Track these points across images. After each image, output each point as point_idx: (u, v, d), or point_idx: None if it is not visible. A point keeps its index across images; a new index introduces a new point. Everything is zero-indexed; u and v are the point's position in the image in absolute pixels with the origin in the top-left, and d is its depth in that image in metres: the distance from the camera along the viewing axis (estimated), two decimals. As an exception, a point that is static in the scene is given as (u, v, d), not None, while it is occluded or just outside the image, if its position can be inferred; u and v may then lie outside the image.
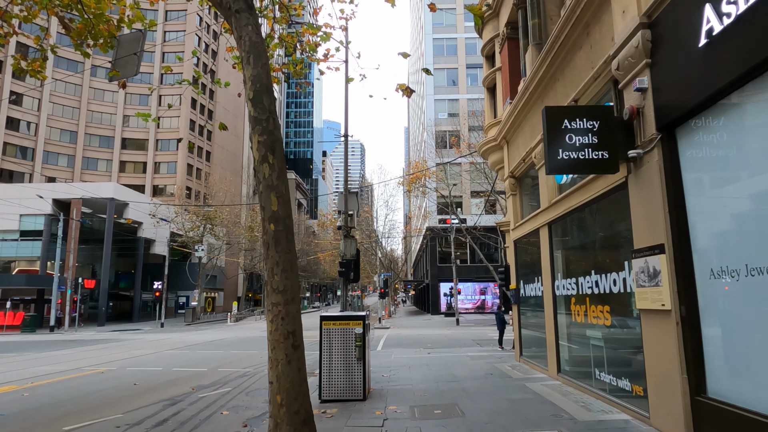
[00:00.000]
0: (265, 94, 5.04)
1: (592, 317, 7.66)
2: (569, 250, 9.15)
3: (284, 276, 4.72)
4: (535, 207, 11.27)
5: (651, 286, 5.62)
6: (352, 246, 13.23)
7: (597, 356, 7.62)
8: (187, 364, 14.46)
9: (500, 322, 16.51)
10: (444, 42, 51.80)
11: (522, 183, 12.57)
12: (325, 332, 8.41)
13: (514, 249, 12.56)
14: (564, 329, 9.11)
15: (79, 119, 63.07)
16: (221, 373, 12.51)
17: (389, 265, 60.62)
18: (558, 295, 9.27)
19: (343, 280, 13.10)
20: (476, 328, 29.47)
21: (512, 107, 11.55)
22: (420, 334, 24.46)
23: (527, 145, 11.03)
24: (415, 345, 19.00)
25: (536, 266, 10.92)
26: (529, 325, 11.78)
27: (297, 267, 4.88)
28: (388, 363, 13.14)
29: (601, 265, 7.49)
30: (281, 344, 4.61)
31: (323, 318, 8.49)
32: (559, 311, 9.29)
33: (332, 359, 8.31)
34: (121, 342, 23.80)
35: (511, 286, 12.71)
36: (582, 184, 7.82)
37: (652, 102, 5.70)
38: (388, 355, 15.10)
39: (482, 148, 14.12)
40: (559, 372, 9.18)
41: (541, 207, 10.07)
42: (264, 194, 4.88)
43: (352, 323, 8.41)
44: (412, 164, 42.46)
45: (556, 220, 9.38)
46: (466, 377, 10.22)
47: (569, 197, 8.50)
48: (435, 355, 14.77)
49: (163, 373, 12.50)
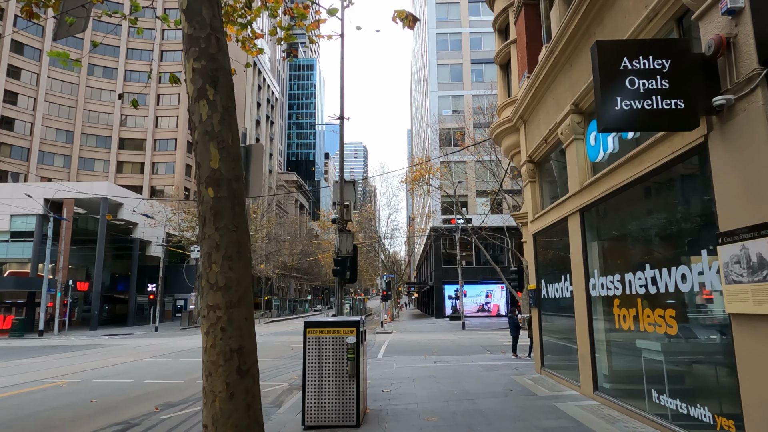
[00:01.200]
0: (205, 1, 3.47)
1: (645, 323, 6.04)
2: (611, 240, 7.53)
3: (227, 266, 3.15)
4: (559, 194, 9.67)
5: (752, 281, 4.02)
6: (349, 241, 11.67)
7: (653, 373, 6.00)
8: (164, 374, 12.89)
9: (514, 327, 14.88)
10: (448, 37, 50.28)
11: (542, 168, 10.97)
12: (311, 342, 6.83)
13: (533, 244, 10.95)
14: (602, 337, 7.49)
15: (75, 119, 61.82)
16: (198, 386, 10.93)
17: (392, 267, 59.00)
18: (594, 296, 7.65)
19: (338, 280, 11.51)
20: (483, 332, 27.82)
21: (531, 80, 9.97)
22: (424, 340, 22.83)
23: (550, 122, 9.44)
24: (420, 352, 17.39)
25: (563, 262, 9.30)
26: (553, 331, 10.16)
27: (249, 253, 3.30)
28: (390, 374, 11.53)
29: (660, 258, 5.87)
30: (220, 369, 3.04)
31: (308, 324, 6.91)
32: (595, 316, 7.67)
33: (319, 375, 6.72)
34: (105, 348, 22.26)
35: (530, 286, 11.09)
36: (632, 155, 6.21)
37: (752, 27, 4.10)
38: (390, 365, 13.49)
39: (495, 131, 12.53)
40: (596, 390, 7.55)
41: (570, 192, 8.47)
42: (200, 145, 3.31)
43: (344, 331, 6.82)
44: (415, 161, 40.81)
45: (591, 205, 7.77)
46: (481, 394, 8.60)
47: (611, 175, 6.90)
48: (442, 365, 13.15)
49: (131, 387, 10.93)
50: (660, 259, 5.86)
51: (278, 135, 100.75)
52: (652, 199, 6.26)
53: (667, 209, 5.98)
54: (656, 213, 6.21)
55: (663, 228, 6.02)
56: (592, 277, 7.70)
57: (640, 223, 6.58)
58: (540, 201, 10.91)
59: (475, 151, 35.61)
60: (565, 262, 9.10)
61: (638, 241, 6.59)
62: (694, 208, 5.35)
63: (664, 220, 5.99)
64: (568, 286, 8.79)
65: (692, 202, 5.41)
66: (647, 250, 6.27)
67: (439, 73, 49.54)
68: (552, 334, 10.23)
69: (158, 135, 64.37)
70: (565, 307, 9.22)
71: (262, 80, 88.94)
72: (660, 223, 6.08)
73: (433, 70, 49.71)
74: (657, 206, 6.20)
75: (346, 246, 11.61)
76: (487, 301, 45.65)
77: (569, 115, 8.29)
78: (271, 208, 77.29)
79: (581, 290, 8.00)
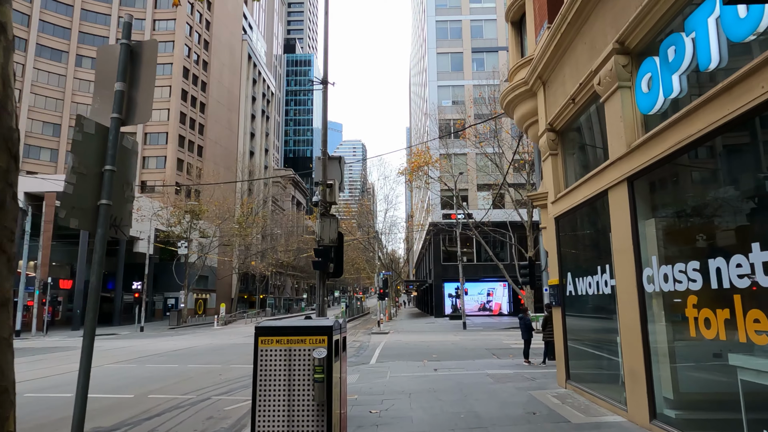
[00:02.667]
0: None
1: (749, 330, 4.11)
2: (679, 216, 5.59)
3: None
4: (591, 165, 7.74)
5: None
6: (333, 228, 9.74)
7: (759, 401, 4.08)
8: (116, 386, 10.95)
9: (526, 329, 12.95)
10: (448, 24, 48.27)
11: (566, 138, 9.03)
12: (264, 356, 4.90)
13: (554, 229, 9.01)
14: (663, 348, 5.57)
15: (62, 111, 59.77)
16: (147, 403, 8.99)
17: (390, 265, 57.07)
18: (650, 291, 5.72)
19: (320, 274, 9.59)
20: (486, 333, 25.91)
21: (555, 27, 8.03)
22: (423, 341, 20.91)
23: (581, 74, 7.51)
24: (418, 356, 15.48)
25: (598, 250, 7.38)
26: (583, 336, 8.24)
27: (12, 237, 1.36)
28: (381, 386, 9.61)
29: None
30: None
31: (261, 332, 4.98)
32: (652, 318, 5.75)
33: (274, 402, 4.79)
34: (72, 351, 20.31)
35: (551, 281, 9.17)
36: (718, 91, 4.28)
37: None
38: (383, 373, 11.57)
39: (506, 97, 10.58)
40: (653, 418, 5.62)
41: (612, 157, 6.53)
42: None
43: (310, 340, 4.88)
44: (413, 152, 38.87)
45: (644, 172, 5.84)
46: (496, 419, 6.67)
47: (678, 127, 4.97)
48: (444, 373, 11.23)
49: (64, 404, 9.01)
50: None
51: (274, 131, 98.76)
52: (755, 150, 4.31)
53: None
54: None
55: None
56: (648, 266, 5.77)
57: (737, 186, 4.64)
58: (563, 177, 8.97)
59: (477, 141, 33.70)
60: (602, 250, 7.17)
61: (734, 212, 4.64)
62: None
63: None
64: (607, 280, 6.86)
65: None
66: (754, 224, 4.33)
67: (439, 63, 47.56)
68: (581, 340, 8.30)
69: (149, 129, 62.29)
70: (600, 306, 7.29)
71: (257, 74, 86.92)
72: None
73: (432, 59, 47.73)
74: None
75: (330, 233, 9.67)
76: (489, 299, 43.77)
77: (611, 57, 6.36)
78: (266, 205, 75.40)
79: (629, 284, 6.08)
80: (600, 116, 7.49)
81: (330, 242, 9.65)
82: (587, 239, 8.04)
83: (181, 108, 62.50)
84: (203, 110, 67.92)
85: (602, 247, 7.12)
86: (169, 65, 63.05)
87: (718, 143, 4.77)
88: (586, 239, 8.07)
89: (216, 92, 70.86)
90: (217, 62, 71.67)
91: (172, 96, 61.66)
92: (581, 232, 8.23)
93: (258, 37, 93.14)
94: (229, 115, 75.03)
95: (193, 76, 65.54)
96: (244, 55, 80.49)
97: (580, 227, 8.24)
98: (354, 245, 49.32)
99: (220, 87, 72.39)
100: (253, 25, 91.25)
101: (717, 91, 4.39)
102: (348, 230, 53.87)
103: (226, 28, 75.54)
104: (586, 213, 7.86)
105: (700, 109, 4.67)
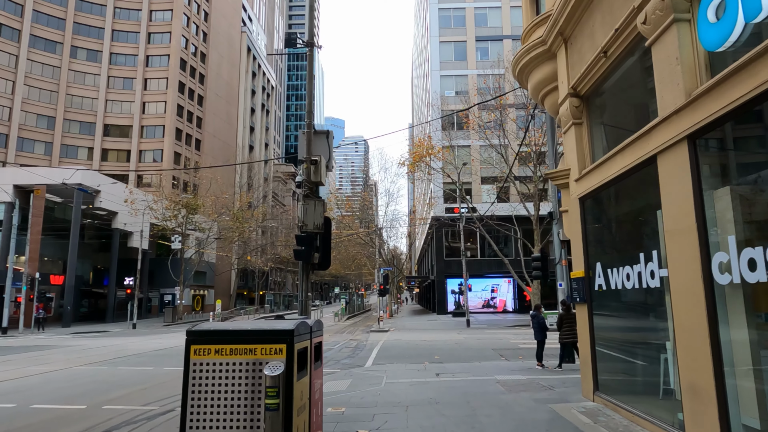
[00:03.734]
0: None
1: None
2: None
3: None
4: (621, 137, 6.33)
5: None
6: (318, 212, 8.34)
7: None
8: (72, 394, 9.59)
9: (539, 328, 11.53)
10: (451, 12, 46.69)
11: (593, 103, 7.61)
12: (199, 372, 3.51)
13: (579, 211, 7.59)
14: (746, 358, 4.17)
15: (57, 104, 58.44)
16: (96, 417, 7.63)
17: (392, 261, 55.71)
18: (725, 284, 4.31)
19: (303, 266, 8.20)
20: (491, 331, 24.56)
21: (582, -34, 6.60)
22: (425, 340, 19.54)
23: (617, 18, 6.08)
24: (419, 357, 14.12)
25: (638, 234, 5.99)
26: (617, 338, 6.84)
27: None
28: (375, 395, 8.24)
29: None
30: None
31: (193, 337, 3.59)
32: (727, 319, 4.34)
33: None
34: (51, 351, 19.02)
35: (574, 273, 7.77)
36: None
37: None
38: (379, 378, 10.20)
39: (520, 61, 9.13)
40: (729, 452, 4.22)
41: (663, 113, 5.11)
42: None
43: (262, 350, 3.50)
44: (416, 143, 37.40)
45: (713, 126, 4.43)
46: (513, 444, 5.29)
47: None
48: (447, 379, 9.85)
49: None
50: None
51: (274, 125, 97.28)
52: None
53: None
54: None
55: None
56: (720, 250, 4.35)
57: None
58: (589, 151, 7.55)
59: (481, 130, 32.23)
60: (645, 233, 5.77)
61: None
62: None
63: None
64: (654, 270, 5.45)
65: None
66: None
67: (442, 52, 46.02)
68: (613, 343, 6.90)
69: (145, 121, 60.96)
70: (642, 302, 5.90)
71: (257, 67, 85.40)
72: None
73: (435, 48, 46.19)
74: None
75: (315, 218, 8.29)
76: (493, 296, 42.41)
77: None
78: (267, 200, 74.10)
79: (690, 274, 4.67)
80: (640, 69, 6.07)
81: (315, 228, 8.27)
82: (623, 221, 6.63)
83: (179, 100, 61.13)
84: (201, 103, 66.54)
85: (646, 230, 5.72)
86: (166, 57, 61.69)
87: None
88: (622, 221, 6.66)
89: (214, 85, 69.46)
90: (215, 54, 70.27)
91: (169, 88, 60.30)
92: (615, 213, 6.82)
93: (258, 30, 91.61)
94: (228, 108, 73.65)
95: (190, 68, 64.14)
96: (243, 47, 79.01)
97: (614, 207, 6.83)
98: (355, 240, 47.92)
99: (219, 79, 71.00)
100: (252, 17, 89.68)
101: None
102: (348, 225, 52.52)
103: (225, 19, 74.08)
104: (622, 189, 6.45)
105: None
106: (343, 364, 13.50)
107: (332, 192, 64.40)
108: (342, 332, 27.04)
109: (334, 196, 51.01)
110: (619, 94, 6.98)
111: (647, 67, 5.75)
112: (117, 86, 61.25)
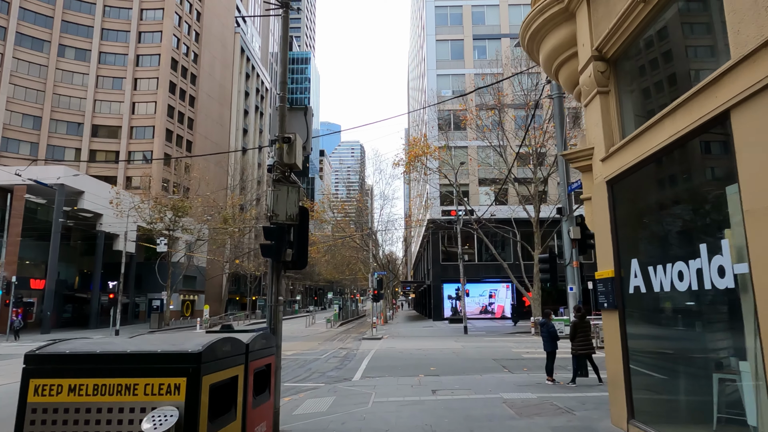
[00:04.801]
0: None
1: None
2: None
3: None
4: (662, 105, 5.01)
5: None
6: (291, 200, 6.96)
7: None
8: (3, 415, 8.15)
9: (549, 338, 10.15)
10: (447, 10, 45.61)
11: (622, 67, 6.31)
12: (41, 424, 2.12)
13: (607, 197, 6.26)
14: None
15: (43, 103, 56.87)
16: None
17: (386, 265, 54.26)
18: None
19: (272, 264, 6.80)
20: (490, 338, 23.16)
21: None
22: (420, 349, 18.13)
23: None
24: (413, 369, 12.73)
25: (693, 220, 4.65)
26: (660, 354, 5.48)
27: None
28: (358, 421, 6.85)
29: None
30: None
31: (33, 365, 2.20)
32: None
33: None
34: (13, 359, 17.50)
35: (600, 273, 6.42)
36: None
37: None
38: (366, 396, 8.81)
39: (530, 26, 7.80)
40: None
41: (738, 55, 3.79)
42: None
43: (147, 387, 2.11)
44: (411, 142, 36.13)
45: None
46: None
47: None
48: (445, 398, 8.46)
49: None
50: None
51: (269, 128, 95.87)
52: None
53: None
54: None
55: None
56: None
57: None
58: (618, 124, 6.24)
59: (479, 128, 30.99)
60: (706, 220, 4.44)
61: None
62: None
63: None
64: (724, 265, 4.11)
65: None
66: None
67: (438, 50, 44.89)
68: (654, 361, 5.55)
69: (135, 122, 59.48)
70: (701, 310, 4.55)
71: (250, 68, 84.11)
72: None
73: (432, 47, 45.07)
74: None
75: (287, 207, 6.91)
76: (491, 301, 41.05)
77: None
78: (260, 203, 72.56)
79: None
80: (690, 16, 4.77)
81: (288, 219, 6.89)
82: (671, 205, 5.29)
83: (169, 101, 59.71)
84: (193, 104, 65.13)
85: (709, 214, 4.39)
86: (157, 56, 60.32)
87: None
88: (669, 206, 5.32)
89: (206, 86, 68.11)
90: (208, 55, 68.98)
91: (159, 88, 58.89)
92: (658, 196, 5.48)
93: (252, 32, 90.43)
94: (221, 109, 72.28)
95: (182, 68, 62.78)
96: (237, 48, 77.75)
97: (656, 189, 5.49)
98: (348, 243, 46.47)
99: (211, 80, 69.67)
100: (247, 19, 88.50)
101: None
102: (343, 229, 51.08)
103: (218, 19, 72.87)
104: (669, 165, 5.12)
105: None
106: (329, 377, 12.09)
107: (325, 193, 62.81)
108: (333, 340, 25.59)
109: (327, 197, 49.49)
110: (659, 52, 5.66)
111: (704, 6, 4.45)
112: (106, 86, 59.78)
